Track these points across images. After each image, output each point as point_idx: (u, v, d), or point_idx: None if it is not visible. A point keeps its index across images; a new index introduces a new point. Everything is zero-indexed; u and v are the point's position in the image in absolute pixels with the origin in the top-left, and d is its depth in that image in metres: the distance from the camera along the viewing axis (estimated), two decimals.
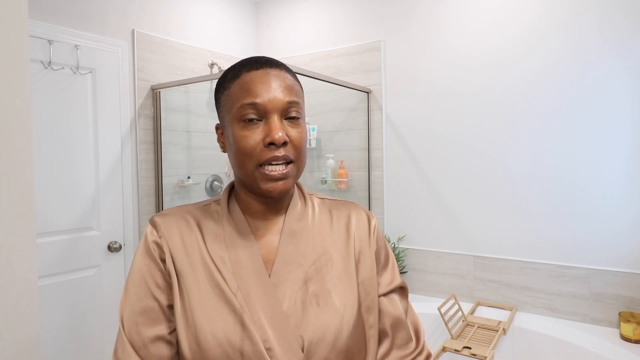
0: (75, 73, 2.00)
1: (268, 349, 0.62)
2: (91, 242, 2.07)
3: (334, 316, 0.66)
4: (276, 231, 0.72)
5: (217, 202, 0.76)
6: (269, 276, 0.67)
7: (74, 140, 2.00)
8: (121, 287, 2.20)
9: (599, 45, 1.92)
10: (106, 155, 2.12)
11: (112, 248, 2.14)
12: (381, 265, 0.76)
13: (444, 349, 1.76)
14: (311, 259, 0.70)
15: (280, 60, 0.73)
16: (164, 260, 0.69)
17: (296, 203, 0.75)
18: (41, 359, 1.88)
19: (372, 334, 0.70)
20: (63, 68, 1.95)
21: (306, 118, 0.80)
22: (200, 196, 2.58)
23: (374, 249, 0.75)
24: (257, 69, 0.68)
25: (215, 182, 2.63)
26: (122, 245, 2.19)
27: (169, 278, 0.69)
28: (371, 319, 0.71)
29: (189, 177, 2.49)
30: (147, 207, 2.31)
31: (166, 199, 2.38)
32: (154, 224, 0.72)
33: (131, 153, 2.24)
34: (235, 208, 0.73)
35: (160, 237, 0.70)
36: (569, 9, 1.98)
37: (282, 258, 0.69)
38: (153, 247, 0.70)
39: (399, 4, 2.45)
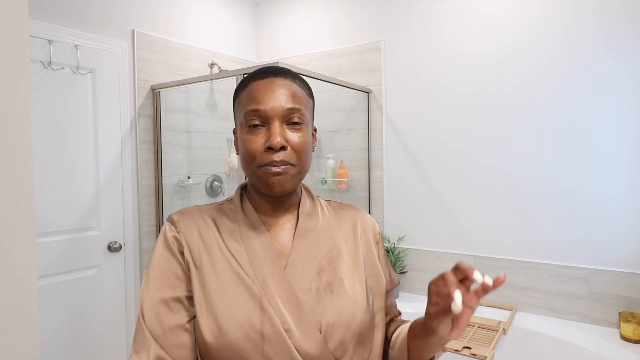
0: (75, 73, 2.00)
1: (287, 330, 0.67)
2: (91, 242, 2.07)
3: (347, 301, 0.72)
4: (287, 227, 0.78)
5: (230, 201, 0.82)
6: (285, 267, 0.72)
7: (74, 140, 2.00)
8: (121, 287, 2.20)
9: (599, 46, 1.92)
10: (106, 155, 2.12)
11: (112, 248, 2.14)
12: (385, 265, 0.86)
13: (444, 349, 1.76)
14: (323, 251, 0.76)
15: (290, 69, 0.78)
16: (182, 254, 0.74)
17: (305, 202, 0.81)
18: (41, 359, 1.88)
19: (379, 319, 0.78)
20: (63, 68, 1.95)
21: (314, 123, 0.83)
22: (200, 196, 2.58)
23: (380, 252, 0.85)
24: (264, 78, 0.74)
25: (215, 182, 2.63)
26: (122, 245, 2.19)
27: (187, 270, 0.73)
28: (377, 306, 0.78)
29: (189, 177, 2.49)
30: (147, 207, 2.31)
31: (166, 199, 2.38)
32: (172, 222, 0.77)
33: (131, 153, 2.24)
34: (248, 205, 0.79)
35: (178, 233, 0.75)
36: (570, 9, 1.98)
37: (296, 250, 0.74)
38: (172, 241, 0.74)
39: (399, 4, 2.45)
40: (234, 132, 0.80)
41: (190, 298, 0.72)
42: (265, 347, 0.66)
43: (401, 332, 0.79)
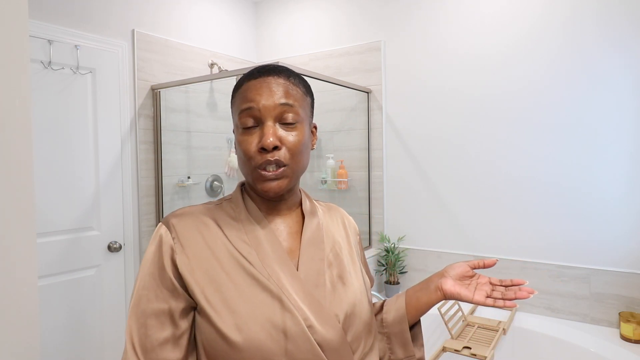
0: (75, 73, 2.00)
1: (309, 327, 0.67)
2: (91, 242, 2.07)
3: (356, 292, 0.76)
4: (290, 225, 0.78)
5: (229, 200, 0.79)
6: (297, 264, 0.73)
7: (74, 140, 2.00)
8: (121, 287, 2.20)
9: (599, 46, 1.92)
10: (106, 155, 2.12)
11: (112, 248, 2.14)
12: (365, 264, 0.90)
13: (444, 349, 1.76)
14: (328, 246, 0.78)
15: (286, 66, 0.76)
16: (175, 263, 0.69)
17: (306, 201, 0.83)
18: (41, 359, 1.88)
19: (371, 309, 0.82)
20: (63, 68, 1.95)
21: (312, 120, 0.82)
22: (200, 196, 2.58)
23: (361, 251, 0.90)
24: (256, 77, 0.73)
25: (215, 182, 2.63)
26: (122, 245, 2.19)
27: (180, 281, 0.68)
28: (369, 298, 0.82)
29: (189, 177, 2.49)
30: (147, 207, 2.31)
31: (166, 199, 2.38)
32: (168, 226, 0.72)
33: (131, 153, 2.24)
34: (251, 204, 0.77)
35: (173, 239, 0.70)
36: (570, 9, 1.98)
37: (306, 247, 0.75)
38: (167, 249, 0.69)
39: (399, 4, 2.45)
40: (234, 132, 0.79)
41: (184, 310, 0.68)
42: (289, 345, 0.65)
43: (395, 301, 0.85)
